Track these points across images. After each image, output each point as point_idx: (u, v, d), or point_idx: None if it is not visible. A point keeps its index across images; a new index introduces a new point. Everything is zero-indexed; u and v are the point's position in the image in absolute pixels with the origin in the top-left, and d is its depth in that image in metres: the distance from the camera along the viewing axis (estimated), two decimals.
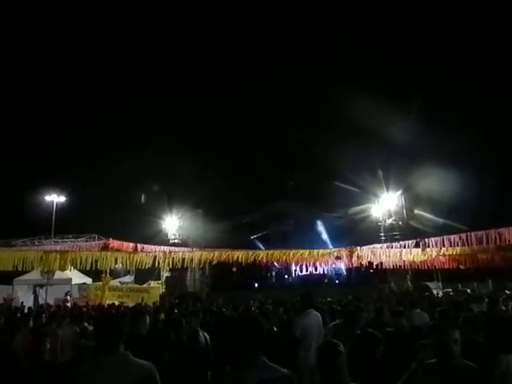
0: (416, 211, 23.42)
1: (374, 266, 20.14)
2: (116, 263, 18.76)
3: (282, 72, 38.38)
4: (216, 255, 19.55)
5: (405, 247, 19.46)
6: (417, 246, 18.95)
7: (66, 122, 35.74)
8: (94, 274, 20.30)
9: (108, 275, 19.54)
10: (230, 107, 37.19)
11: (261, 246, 28.10)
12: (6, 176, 31.35)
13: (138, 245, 22.19)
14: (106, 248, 21.11)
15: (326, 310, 8.53)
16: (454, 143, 23.40)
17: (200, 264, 21.10)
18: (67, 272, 18.78)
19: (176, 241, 26.15)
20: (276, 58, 37.54)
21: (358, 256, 19.41)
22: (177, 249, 22.07)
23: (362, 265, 19.96)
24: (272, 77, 39.09)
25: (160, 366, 2.82)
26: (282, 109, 39.17)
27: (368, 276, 22.87)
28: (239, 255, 19.33)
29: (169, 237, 26.67)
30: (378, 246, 20.61)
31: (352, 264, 20.00)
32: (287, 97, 39.44)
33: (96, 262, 17.38)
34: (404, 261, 19.49)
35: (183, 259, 19.44)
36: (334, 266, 24.68)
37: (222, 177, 29.40)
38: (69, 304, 16.59)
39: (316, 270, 27.13)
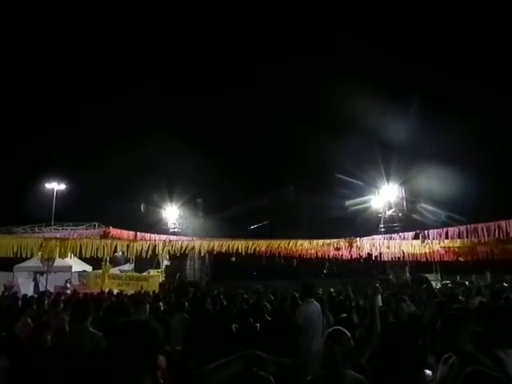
0: (416, 203, 23.41)
1: (374, 258, 20.19)
2: (116, 251, 18.80)
3: (285, 66, 38.28)
4: (216, 245, 19.58)
5: (404, 239, 19.47)
6: (416, 237, 18.96)
7: (67, 111, 35.61)
8: (94, 261, 20.34)
9: (108, 263, 19.58)
10: (231, 98, 37.09)
11: (260, 236, 28.16)
12: (6, 164, 31.35)
13: (138, 233, 22.18)
14: (106, 236, 21.08)
15: (325, 300, 8.58)
16: (454, 136, 23.33)
17: (200, 253, 21.16)
18: (67, 259, 18.80)
19: (176, 230, 26.20)
20: (277, 54, 37.40)
21: (357, 247, 19.43)
22: (176, 237, 22.09)
23: (361, 256, 19.99)
24: (275, 71, 38.95)
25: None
26: (284, 101, 39.04)
27: (367, 267, 22.93)
28: (239, 245, 19.35)
29: (169, 226, 26.71)
30: (377, 237, 20.62)
31: (351, 255, 20.03)
32: (290, 90, 39.26)
33: (96, 249, 17.40)
34: (403, 252, 19.54)
35: (183, 248, 19.48)
36: (333, 256, 24.74)
37: (222, 167, 29.39)
38: (69, 291, 16.66)
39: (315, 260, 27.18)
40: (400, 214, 23.37)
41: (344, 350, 2.64)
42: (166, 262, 24.22)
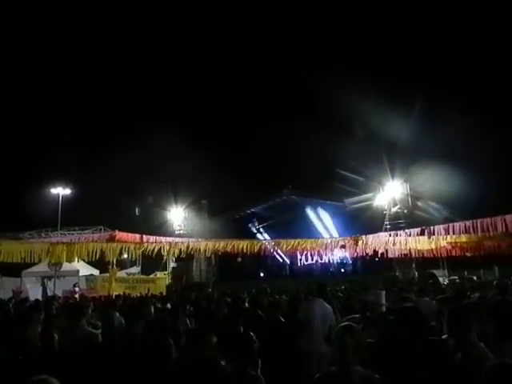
0: (421, 199, 23.29)
1: (379, 255, 20.12)
2: (122, 254, 18.89)
3: (284, 65, 38.29)
4: (221, 245, 19.61)
5: (410, 235, 19.38)
6: (422, 233, 18.86)
7: (72, 115, 35.80)
8: (101, 265, 20.46)
9: (115, 266, 19.69)
10: (231, 99, 37.23)
11: (266, 236, 28.18)
12: (11, 169, 31.61)
13: (144, 236, 22.27)
14: (112, 239, 21.18)
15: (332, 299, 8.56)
16: (457, 130, 23.20)
17: (206, 254, 21.21)
18: (74, 264, 18.93)
19: (181, 232, 26.27)
20: (277, 53, 37.47)
21: (363, 244, 19.37)
22: (183, 239, 22.14)
23: (367, 253, 19.93)
24: (276, 70, 39.04)
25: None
26: (285, 100, 39.09)
27: (373, 264, 22.89)
28: (245, 245, 19.37)
29: (174, 228, 26.79)
30: (382, 234, 20.55)
31: (357, 253, 19.97)
32: (290, 89, 39.32)
33: (103, 253, 17.50)
34: (409, 249, 19.44)
35: (189, 249, 19.54)
36: (339, 254, 24.75)
37: (225, 168, 29.43)
38: (77, 295, 16.77)
39: (321, 259, 27.20)
40: (405, 211, 23.23)
41: (355, 342, 2.64)
42: (172, 264, 24.32)
